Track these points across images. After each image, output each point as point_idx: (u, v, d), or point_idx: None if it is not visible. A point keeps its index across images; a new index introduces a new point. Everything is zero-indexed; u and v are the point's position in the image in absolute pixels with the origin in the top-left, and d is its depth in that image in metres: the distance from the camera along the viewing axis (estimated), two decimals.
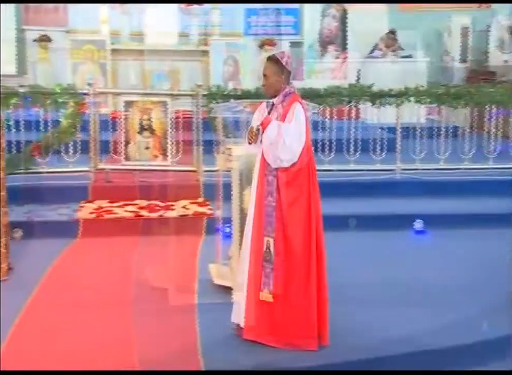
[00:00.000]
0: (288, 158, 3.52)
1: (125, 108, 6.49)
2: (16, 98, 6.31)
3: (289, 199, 3.55)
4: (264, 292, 3.59)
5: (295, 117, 3.54)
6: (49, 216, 5.64)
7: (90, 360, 3.47)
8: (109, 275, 4.70)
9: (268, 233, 3.59)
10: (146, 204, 5.98)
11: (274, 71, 3.59)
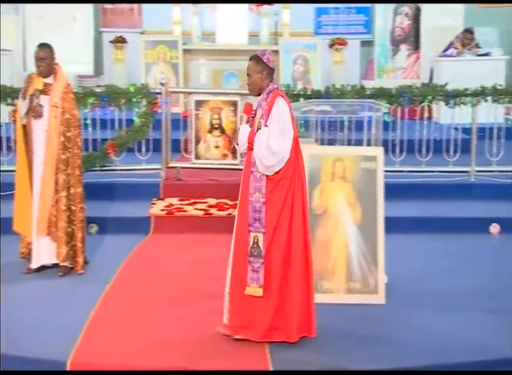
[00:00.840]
0: (275, 163, 3.53)
1: (196, 107, 6.59)
2: (94, 98, 6.51)
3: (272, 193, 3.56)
4: (252, 287, 3.60)
5: (276, 115, 3.55)
6: (122, 213, 5.80)
7: (161, 355, 3.55)
8: (178, 271, 4.79)
9: (256, 229, 3.59)
10: (215, 203, 6.06)
11: (256, 69, 3.63)
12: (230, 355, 3.55)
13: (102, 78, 9.43)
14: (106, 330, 3.81)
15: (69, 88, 4.70)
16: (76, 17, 9.42)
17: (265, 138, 3.54)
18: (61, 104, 4.58)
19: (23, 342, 3.64)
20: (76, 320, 3.88)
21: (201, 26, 9.59)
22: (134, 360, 3.49)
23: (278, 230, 3.60)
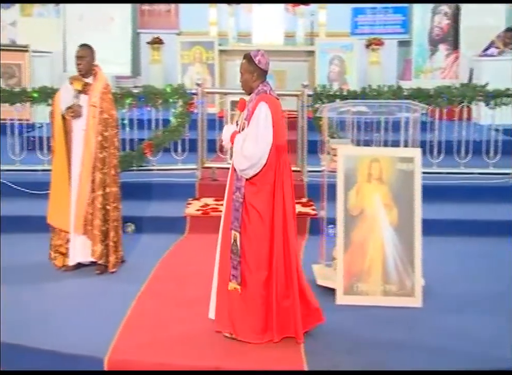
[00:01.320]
0: (246, 167, 3.54)
1: (232, 107, 6.60)
2: (131, 98, 6.59)
3: (251, 196, 3.58)
4: (232, 283, 3.66)
5: (256, 120, 3.56)
6: (158, 212, 5.85)
7: (195, 355, 3.57)
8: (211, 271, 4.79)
9: (235, 227, 3.64)
10: None
11: (247, 68, 3.68)
12: (263, 355, 3.55)
13: (139, 79, 9.55)
14: (142, 328, 3.85)
15: (108, 88, 4.77)
16: (114, 18, 9.55)
17: (239, 144, 3.59)
18: (100, 104, 4.66)
19: (60, 339, 3.71)
20: (112, 318, 3.93)
21: (237, 27, 9.61)
22: (168, 358, 3.52)
23: (255, 233, 3.61)
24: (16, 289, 4.40)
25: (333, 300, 4.24)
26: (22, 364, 3.65)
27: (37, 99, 6.56)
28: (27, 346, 3.66)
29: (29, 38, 8.88)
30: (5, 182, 6.28)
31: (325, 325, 3.87)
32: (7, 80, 8.12)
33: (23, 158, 6.61)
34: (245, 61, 3.70)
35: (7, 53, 8.34)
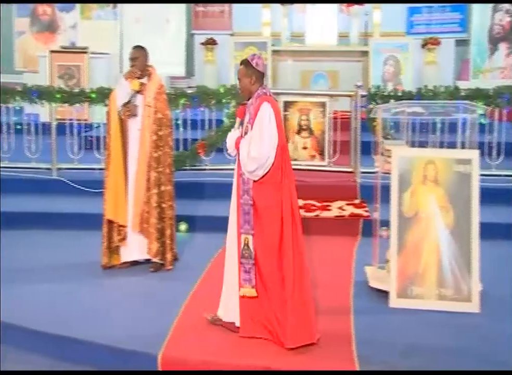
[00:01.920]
0: (255, 167, 3.53)
1: (284, 108, 6.61)
2: (185, 99, 6.67)
3: (259, 197, 3.56)
4: (246, 287, 3.62)
5: (259, 121, 3.54)
6: (211, 212, 5.90)
7: (246, 354, 3.58)
8: None
9: (246, 231, 3.60)
10: (302, 204, 6.04)
11: (245, 73, 3.67)
12: (314, 355, 3.53)
13: (193, 80, 9.68)
14: (194, 326, 3.88)
15: (162, 89, 4.85)
16: (170, 20, 9.70)
17: (246, 146, 3.58)
18: (154, 104, 4.73)
19: (116, 334, 3.78)
20: (166, 315, 3.98)
21: (290, 28, 9.62)
22: (220, 357, 3.54)
23: (268, 233, 3.58)
24: (73, 285, 4.51)
25: (386, 302, 4.18)
26: (78, 358, 3.74)
27: (95, 100, 6.74)
28: (83, 339, 3.75)
29: (88, 40, 9.14)
30: (63, 179, 6.47)
31: (378, 328, 3.82)
32: (66, 81, 8.37)
33: (80, 157, 6.79)
34: (242, 67, 3.71)
35: (67, 55, 8.61)
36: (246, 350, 3.61)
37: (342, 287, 4.46)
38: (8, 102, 6.76)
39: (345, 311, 4.07)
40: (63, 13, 9.83)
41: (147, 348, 3.61)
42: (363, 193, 6.15)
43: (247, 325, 3.68)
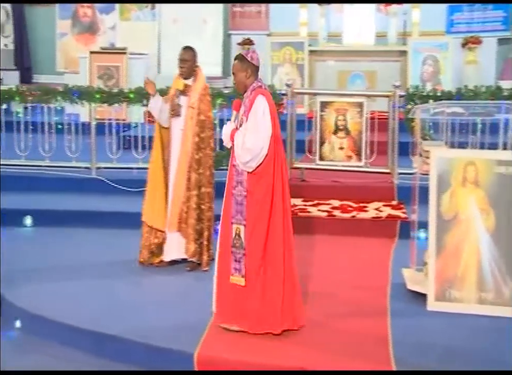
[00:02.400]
0: (249, 159, 3.59)
1: (321, 108, 6.58)
2: (222, 98, 6.70)
3: (253, 188, 3.64)
4: (235, 276, 3.70)
5: (254, 113, 3.62)
6: None
7: (280, 354, 3.57)
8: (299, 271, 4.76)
9: (238, 221, 3.69)
10: (339, 205, 6.01)
11: (240, 68, 3.74)
12: (350, 355, 3.51)
13: (230, 80, 9.69)
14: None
15: (206, 90, 4.85)
16: (207, 20, 9.77)
17: (241, 137, 3.65)
18: (197, 106, 4.75)
19: (153, 332, 3.82)
20: (202, 315, 3.99)
21: (327, 27, 9.57)
22: (254, 357, 3.53)
23: (258, 224, 3.65)
24: (110, 283, 4.58)
25: (424, 305, 4.12)
26: (115, 355, 3.79)
27: (133, 100, 6.82)
28: (121, 336, 3.80)
29: (127, 41, 9.27)
30: (102, 179, 6.58)
31: (416, 330, 3.77)
32: (106, 82, 8.50)
33: (119, 156, 6.89)
34: (237, 61, 3.77)
35: (107, 55, 8.74)
36: (281, 350, 3.60)
37: (379, 289, 4.42)
38: (50, 103, 6.89)
39: (382, 313, 4.03)
40: (103, 15, 10.00)
41: (183, 346, 3.63)
42: (401, 194, 6.08)
43: (224, 313, 3.77)
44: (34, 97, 6.87)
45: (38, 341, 4.04)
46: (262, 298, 3.67)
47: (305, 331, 3.81)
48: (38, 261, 5.00)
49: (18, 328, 4.18)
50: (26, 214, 5.91)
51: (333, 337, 3.75)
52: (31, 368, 3.72)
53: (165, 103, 4.81)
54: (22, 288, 4.45)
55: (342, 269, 4.84)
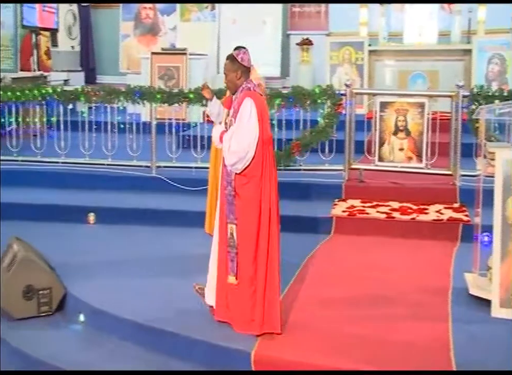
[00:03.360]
0: (234, 161, 3.65)
1: (381, 108, 6.48)
2: (280, 99, 6.71)
3: (241, 188, 3.70)
4: (230, 275, 3.79)
5: (240, 115, 3.66)
6: (304, 212, 5.88)
7: (337, 355, 3.54)
8: (358, 273, 4.75)
9: (231, 220, 3.77)
10: (398, 207, 5.91)
11: (230, 68, 3.76)
12: (410, 359, 3.44)
13: (288, 80, 9.71)
14: (287, 326, 3.88)
15: (260, 87, 4.89)
16: (266, 21, 9.80)
17: (228, 139, 3.69)
18: None
19: (213, 331, 3.84)
20: None
21: (388, 27, 9.44)
22: (310, 358, 3.51)
23: (247, 224, 3.71)
24: (171, 280, 4.64)
25: (487, 311, 4.00)
26: (175, 352, 3.84)
27: (193, 100, 6.91)
28: (180, 334, 3.84)
29: (187, 41, 9.40)
30: (162, 177, 6.69)
31: (478, 337, 3.66)
32: (166, 82, 8.65)
33: (178, 155, 6.99)
34: (228, 61, 3.79)
35: (167, 56, 8.89)
36: (338, 351, 3.57)
37: (439, 293, 4.31)
38: (113, 102, 7.06)
39: (443, 318, 3.93)
40: (164, 16, 10.19)
41: (241, 345, 3.65)
42: (463, 197, 5.93)
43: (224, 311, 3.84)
44: (98, 97, 7.05)
45: (100, 335, 4.14)
46: (251, 298, 3.74)
47: (365, 333, 3.76)
48: (100, 257, 5.13)
49: (82, 322, 4.31)
50: (89, 212, 6.08)
51: (393, 340, 3.68)
52: (89, 363, 3.82)
53: (222, 106, 4.86)
54: (85, 283, 4.57)
55: (401, 272, 4.75)
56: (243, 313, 3.76)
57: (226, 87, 3.97)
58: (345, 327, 3.85)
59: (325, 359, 3.50)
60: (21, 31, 9.68)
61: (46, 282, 4.46)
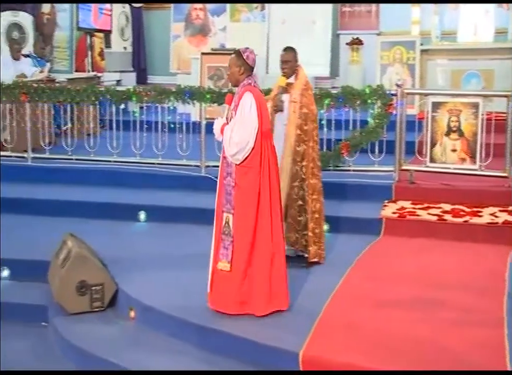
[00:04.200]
0: (235, 151, 3.84)
1: (433, 109, 6.36)
2: (329, 99, 6.66)
3: (240, 179, 3.89)
4: (222, 261, 3.96)
5: (240, 108, 3.87)
6: (354, 213, 5.83)
7: (387, 357, 3.49)
8: (408, 275, 4.67)
9: (227, 210, 3.94)
10: (450, 209, 5.79)
11: (235, 63, 3.98)
12: (463, 361, 3.38)
13: (337, 80, 9.64)
14: (335, 327, 3.86)
15: (308, 85, 4.92)
16: (316, 21, 9.75)
17: (230, 130, 3.89)
18: (300, 100, 4.81)
19: (258, 329, 3.86)
20: (308, 313, 3.99)
21: (441, 25, 9.25)
22: (359, 360, 3.47)
23: (245, 213, 3.90)
24: None
25: None
26: (226, 351, 3.85)
27: None
28: (231, 333, 3.86)
29: (237, 42, 9.44)
30: (211, 177, 6.72)
31: None
32: (215, 82, 8.72)
33: None
34: (234, 56, 3.99)
35: (217, 56, 8.96)
36: (388, 354, 3.51)
37: (495, 298, 4.20)
38: (163, 102, 7.15)
39: (498, 324, 3.83)
40: (214, 17, 10.26)
41: (289, 345, 3.64)
42: None
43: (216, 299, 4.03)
44: (149, 97, 7.15)
45: (149, 331, 4.20)
46: (247, 282, 3.95)
47: (417, 336, 3.70)
48: (151, 254, 5.20)
49: (133, 318, 4.39)
50: (140, 210, 6.18)
51: (446, 344, 3.60)
52: (139, 358, 3.87)
53: None
54: (136, 280, 4.65)
55: (454, 275, 4.65)
56: (230, 295, 3.97)
57: (228, 79, 4.17)
58: (396, 330, 3.79)
59: (375, 361, 3.45)
60: (76, 33, 9.93)
61: (99, 278, 4.56)
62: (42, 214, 6.22)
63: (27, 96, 7.31)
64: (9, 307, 4.82)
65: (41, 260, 5.06)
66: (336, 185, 6.22)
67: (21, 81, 7.62)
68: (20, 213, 6.25)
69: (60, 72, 9.46)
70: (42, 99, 7.36)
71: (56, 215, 6.15)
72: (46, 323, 4.68)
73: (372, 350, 3.57)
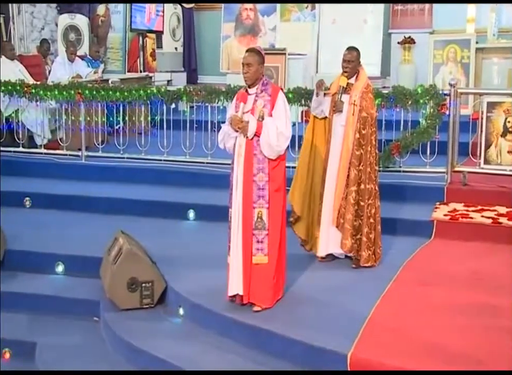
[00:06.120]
0: (282, 142, 3.97)
1: (488, 109, 6.21)
2: (380, 99, 6.57)
3: (274, 174, 4.03)
4: (258, 256, 4.05)
5: (283, 106, 4.01)
6: (404, 215, 5.73)
7: (438, 360, 3.42)
8: (459, 279, 4.58)
9: (260, 205, 4.02)
10: (505, 212, 5.62)
11: (258, 60, 4.00)
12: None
13: (388, 80, 9.50)
14: (384, 329, 3.82)
15: (369, 88, 4.84)
16: (367, 20, 9.64)
17: (274, 126, 3.95)
18: (359, 103, 4.75)
19: (307, 330, 3.85)
20: (357, 315, 3.96)
21: (498, 23, 8.98)
22: (408, 363, 3.42)
23: (277, 206, 4.05)
24: None
25: None
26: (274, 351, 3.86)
27: (291, 100, 6.89)
28: (280, 334, 3.86)
29: (286, 42, 9.43)
30: None
31: None
32: None
33: None
34: (253, 54, 4.01)
35: (267, 56, 8.80)
36: (436, 358, 3.45)
37: None
38: (213, 102, 7.21)
39: None
40: (264, 17, 10.27)
41: (337, 346, 3.61)
42: None
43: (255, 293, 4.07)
44: (199, 97, 7.22)
45: (198, 329, 4.25)
46: (278, 272, 4.13)
47: (468, 344, 3.62)
48: (200, 252, 5.25)
49: (182, 316, 4.44)
50: (189, 208, 6.24)
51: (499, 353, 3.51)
52: (188, 356, 3.91)
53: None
54: (185, 278, 4.70)
55: (507, 281, 4.52)
56: (268, 289, 4.07)
57: (245, 77, 4.06)
58: (447, 336, 3.72)
59: (423, 366, 3.39)
60: (129, 34, 10.13)
61: (148, 275, 4.63)
62: (95, 211, 6.37)
63: (82, 96, 7.49)
64: (62, 301, 4.96)
65: (94, 256, 5.18)
66: (386, 186, 6.08)
67: (76, 81, 7.82)
68: (74, 210, 6.41)
69: (113, 73, 9.65)
70: (96, 99, 7.53)
71: (108, 213, 6.28)
72: (97, 318, 4.78)
73: (421, 354, 3.50)
